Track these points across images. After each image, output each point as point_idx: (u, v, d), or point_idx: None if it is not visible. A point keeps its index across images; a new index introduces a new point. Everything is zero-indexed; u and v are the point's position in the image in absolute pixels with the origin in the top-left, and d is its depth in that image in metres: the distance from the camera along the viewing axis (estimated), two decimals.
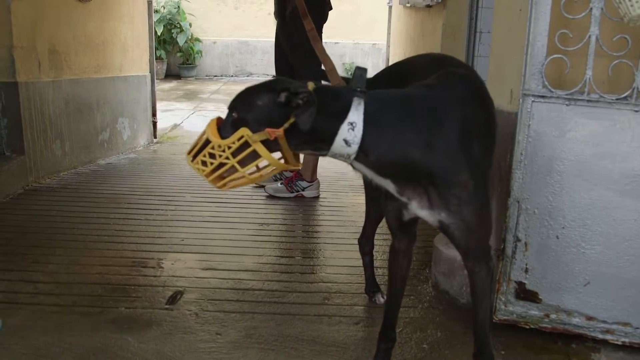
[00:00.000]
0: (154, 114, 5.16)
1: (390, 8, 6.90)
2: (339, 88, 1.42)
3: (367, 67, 1.36)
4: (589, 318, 1.82)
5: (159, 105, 5.59)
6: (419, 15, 4.67)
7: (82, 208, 3.11)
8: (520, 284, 1.87)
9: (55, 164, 3.73)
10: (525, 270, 1.85)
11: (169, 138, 5.47)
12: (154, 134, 5.20)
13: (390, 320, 1.66)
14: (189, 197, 3.39)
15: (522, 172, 1.81)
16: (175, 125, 6.16)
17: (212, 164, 1.33)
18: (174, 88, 9.00)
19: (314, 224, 3.15)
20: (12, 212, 3.03)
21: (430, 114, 1.33)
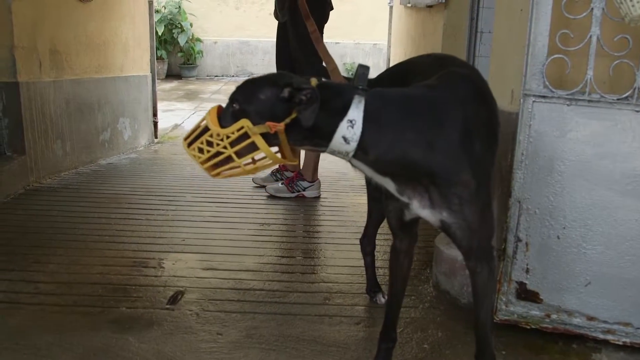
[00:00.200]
0: (155, 114, 5.16)
1: (391, 8, 6.91)
2: (341, 85, 1.41)
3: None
4: (590, 318, 1.82)
5: (160, 106, 5.60)
6: (420, 15, 4.67)
7: (83, 208, 3.11)
8: (521, 284, 1.87)
9: (56, 164, 3.73)
10: (526, 271, 1.85)
11: (170, 138, 5.46)
12: (155, 134, 5.21)
13: (391, 320, 1.66)
14: (190, 197, 3.39)
15: (523, 172, 1.81)
16: (176, 126, 6.17)
17: (208, 152, 1.32)
18: (175, 88, 9.00)
19: (315, 224, 3.15)
20: (13, 212, 3.03)
21: (431, 114, 1.32)
